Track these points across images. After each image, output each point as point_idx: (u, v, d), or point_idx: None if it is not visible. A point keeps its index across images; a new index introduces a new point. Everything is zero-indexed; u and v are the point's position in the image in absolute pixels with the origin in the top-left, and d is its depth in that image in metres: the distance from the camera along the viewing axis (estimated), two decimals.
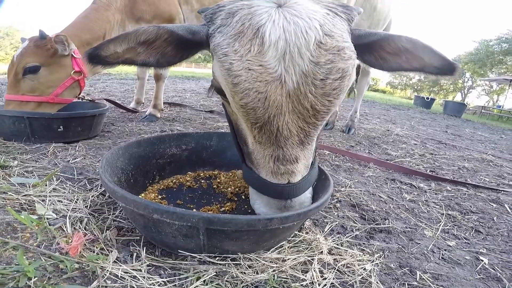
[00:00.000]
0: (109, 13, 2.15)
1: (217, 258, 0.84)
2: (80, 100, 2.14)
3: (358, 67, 0.92)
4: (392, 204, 1.47)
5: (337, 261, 0.92)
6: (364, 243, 1.08)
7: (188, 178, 1.35)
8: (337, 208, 1.34)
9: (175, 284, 0.75)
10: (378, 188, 1.69)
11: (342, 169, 1.95)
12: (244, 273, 0.80)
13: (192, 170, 1.44)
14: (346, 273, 0.88)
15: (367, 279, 0.87)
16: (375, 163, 2.16)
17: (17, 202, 1.02)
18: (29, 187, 1.13)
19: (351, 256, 0.96)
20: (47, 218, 0.94)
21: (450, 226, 1.32)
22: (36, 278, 0.70)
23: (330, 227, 1.15)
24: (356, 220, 1.26)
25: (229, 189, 1.27)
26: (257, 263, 0.85)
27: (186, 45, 0.89)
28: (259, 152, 0.84)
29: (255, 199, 0.93)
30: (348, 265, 0.92)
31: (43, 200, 1.04)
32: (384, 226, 1.23)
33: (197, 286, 0.74)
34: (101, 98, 2.49)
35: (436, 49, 0.85)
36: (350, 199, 1.46)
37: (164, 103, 3.16)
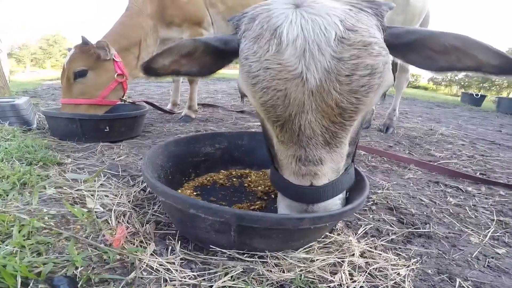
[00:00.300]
0: (142, 19, 2.28)
1: (246, 255, 0.85)
2: (123, 102, 2.30)
3: (395, 65, 0.87)
4: (434, 208, 1.38)
5: (369, 265, 0.89)
6: (400, 248, 1.03)
7: (221, 176, 1.39)
8: (372, 211, 1.29)
9: (205, 279, 0.77)
10: (419, 191, 1.60)
11: (379, 171, 1.87)
12: (271, 271, 0.81)
13: (224, 168, 1.48)
14: (377, 277, 0.85)
15: (400, 284, 0.83)
16: (416, 165, 2.04)
17: (70, 196, 1.12)
18: (81, 182, 1.24)
19: (384, 260, 0.92)
20: (95, 212, 1.01)
21: (501, 233, 1.20)
22: (82, 268, 0.75)
23: (364, 230, 1.11)
24: (393, 223, 1.20)
25: (260, 188, 1.29)
26: (284, 262, 0.84)
27: (222, 55, 0.92)
28: (282, 152, 0.82)
29: (279, 201, 0.92)
30: (381, 269, 0.88)
31: (92, 195, 1.13)
32: (424, 230, 1.16)
33: (224, 282, 0.75)
34: (141, 100, 2.65)
35: (491, 46, 0.74)
36: (387, 201, 1.40)
37: (198, 104, 3.29)
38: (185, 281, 0.75)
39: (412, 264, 0.93)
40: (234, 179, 1.39)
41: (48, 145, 1.72)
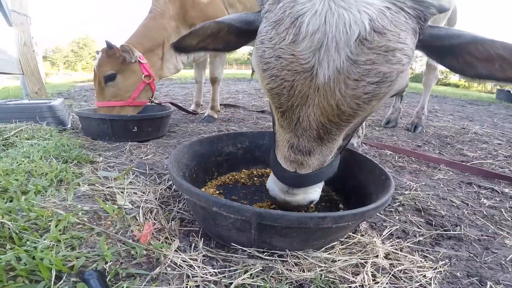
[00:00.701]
0: (165, 21, 2.33)
1: (265, 253, 0.85)
2: (150, 103, 2.38)
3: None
4: (466, 210, 1.31)
5: (394, 266, 0.87)
6: (427, 250, 1.00)
7: (243, 176, 1.41)
8: (399, 212, 1.25)
9: (225, 276, 0.78)
10: (450, 192, 1.52)
11: (406, 171, 1.81)
12: (290, 270, 0.80)
13: (246, 167, 1.49)
14: (402, 279, 0.82)
15: (425, 287, 0.80)
16: (447, 165, 1.94)
17: (102, 193, 1.17)
18: (111, 180, 1.30)
19: (410, 262, 0.90)
20: (125, 208, 1.06)
21: None
22: (111, 262, 0.77)
23: (389, 231, 1.08)
24: (420, 225, 1.16)
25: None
26: (305, 261, 0.84)
27: (246, 33, 0.94)
28: (280, 135, 0.87)
29: (271, 175, 0.98)
30: (406, 271, 0.86)
31: (122, 192, 1.18)
32: (455, 233, 1.11)
33: (243, 279, 0.76)
34: (166, 102, 2.74)
35: None
36: (415, 203, 1.35)
37: (220, 104, 3.34)
38: (206, 277, 0.76)
39: (440, 266, 0.90)
40: (255, 178, 1.40)
41: (82, 144, 1.83)
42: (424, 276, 0.84)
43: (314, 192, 0.94)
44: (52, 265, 0.71)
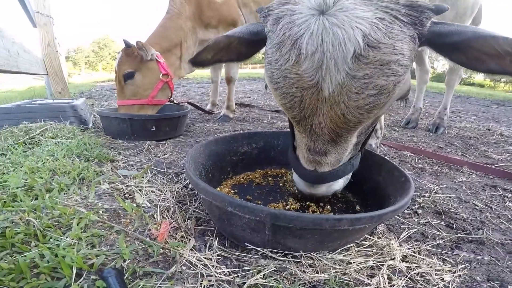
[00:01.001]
0: (181, 21, 2.36)
1: (279, 254, 0.85)
2: (169, 102, 2.42)
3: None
4: (490, 213, 1.26)
5: (411, 269, 0.85)
6: (447, 253, 0.96)
7: (257, 175, 1.41)
8: (418, 215, 1.22)
9: (238, 275, 0.78)
10: (473, 195, 1.46)
11: (427, 173, 1.75)
12: (304, 271, 0.80)
13: (260, 167, 1.49)
14: (419, 282, 0.80)
15: None
16: (470, 167, 1.87)
17: (121, 191, 1.20)
18: (130, 178, 1.34)
19: (428, 265, 0.87)
20: (143, 206, 1.08)
21: None
22: (129, 260, 0.78)
23: (407, 234, 1.05)
24: (440, 228, 1.12)
25: (295, 187, 1.28)
26: (319, 263, 0.83)
27: (254, 43, 0.98)
28: (299, 138, 0.94)
29: (294, 173, 1.05)
30: (423, 274, 0.83)
31: (140, 190, 1.21)
32: (476, 236, 1.07)
33: (256, 279, 0.75)
34: (184, 101, 2.79)
35: None
36: (435, 205, 1.30)
37: (235, 104, 3.36)
38: (220, 277, 0.76)
39: (459, 270, 0.87)
40: (270, 179, 1.40)
41: (102, 143, 1.88)
42: (442, 279, 0.82)
43: (336, 183, 0.99)
44: (73, 262, 0.72)
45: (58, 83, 3.65)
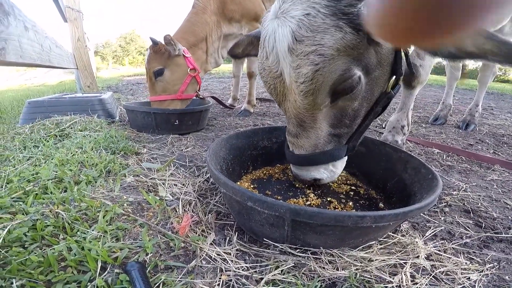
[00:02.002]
0: (206, 15, 2.37)
1: (298, 250, 0.84)
2: (196, 96, 2.46)
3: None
4: None
5: (435, 268, 0.82)
6: (474, 252, 0.93)
7: (277, 170, 1.40)
8: (445, 213, 1.17)
9: (256, 271, 0.78)
10: (505, 194, 1.38)
11: (455, 171, 1.67)
12: (323, 268, 0.79)
13: (280, 162, 1.48)
14: (443, 281, 0.77)
15: None
16: (502, 165, 1.76)
17: (145, 184, 1.21)
18: (154, 171, 1.36)
19: (454, 263, 0.84)
20: (166, 200, 1.08)
21: None
22: (151, 254, 0.79)
23: (433, 232, 1.01)
24: (468, 227, 1.08)
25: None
26: (339, 260, 0.82)
27: None
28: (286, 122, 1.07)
29: None
30: (448, 272, 0.80)
31: (163, 183, 1.23)
32: (507, 235, 1.02)
33: (274, 275, 0.75)
34: (208, 96, 2.82)
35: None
36: (464, 204, 1.25)
37: (256, 99, 3.35)
38: (238, 272, 0.76)
39: (487, 269, 0.83)
40: (289, 174, 1.38)
41: (128, 136, 1.94)
42: (468, 278, 0.79)
43: (317, 172, 1.06)
44: (98, 256, 0.73)
45: (87, 77, 3.80)
